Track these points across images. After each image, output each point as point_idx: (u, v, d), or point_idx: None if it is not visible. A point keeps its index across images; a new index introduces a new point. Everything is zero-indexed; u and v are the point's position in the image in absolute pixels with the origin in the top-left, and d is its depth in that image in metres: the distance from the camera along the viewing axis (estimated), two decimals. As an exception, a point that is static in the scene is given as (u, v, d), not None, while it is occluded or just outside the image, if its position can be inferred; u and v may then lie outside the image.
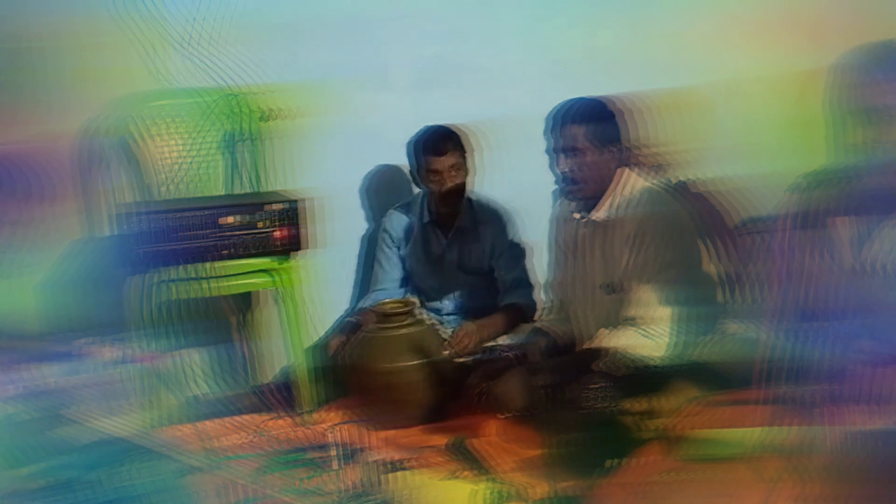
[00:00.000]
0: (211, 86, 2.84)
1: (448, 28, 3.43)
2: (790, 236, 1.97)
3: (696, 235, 2.71)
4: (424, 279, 3.35)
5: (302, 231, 2.81)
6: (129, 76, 2.84)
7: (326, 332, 3.25)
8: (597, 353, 2.57)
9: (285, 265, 2.84)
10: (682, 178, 3.22)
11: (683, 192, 2.95)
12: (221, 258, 2.75)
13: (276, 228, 2.79)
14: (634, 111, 2.82)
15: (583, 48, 3.46)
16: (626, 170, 2.74)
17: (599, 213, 2.72)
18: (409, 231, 3.33)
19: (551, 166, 2.74)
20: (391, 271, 3.35)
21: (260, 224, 2.78)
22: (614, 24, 3.49)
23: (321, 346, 3.09)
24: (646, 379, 2.48)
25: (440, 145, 3.16)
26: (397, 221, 3.35)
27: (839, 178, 1.99)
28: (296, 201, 2.81)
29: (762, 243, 2.71)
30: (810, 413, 1.81)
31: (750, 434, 1.92)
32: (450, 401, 2.74)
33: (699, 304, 2.60)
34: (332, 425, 2.62)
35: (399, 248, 3.37)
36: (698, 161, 3.31)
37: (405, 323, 2.81)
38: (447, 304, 3.34)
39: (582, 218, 2.77)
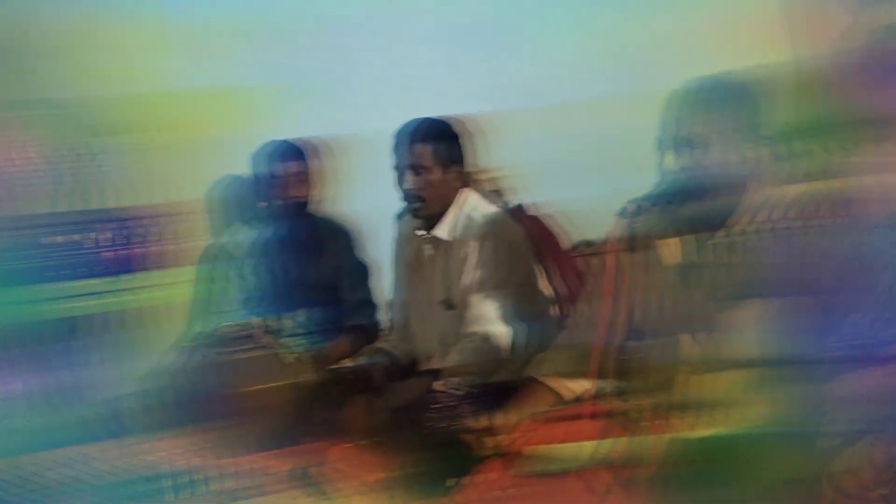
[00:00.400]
0: (35, 98, 2.70)
1: (305, 43, 3.40)
2: (619, 257, 2.06)
3: (531, 255, 2.81)
4: (267, 298, 3.28)
5: (137, 251, 2.70)
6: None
7: (165, 357, 3.13)
8: (438, 372, 2.61)
9: (120, 286, 2.73)
10: (519, 201, 3.32)
11: (521, 214, 3.06)
12: (45, 280, 2.61)
13: (108, 248, 2.67)
14: (479, 133, 2.89)
15: (437, 67, 3.51)
16: (468, 190, 2.81)
17: (441, 232, 2.78)
18: (251, 247, 3.26)
19: (397, 183, 2.77)
20: (232, 291, 3.27)
21: (89, 243, 2.66)
22: (473, 46, 3.56)
23: (156, 372, 2.97)
24: (484, 396, 2.53)
25: (284, 154, 3.12)
26: (240, 237, 3.27)
27: (664, 202, 2.10)
28: (128, 220, 2.70)
29: (594, 264, 2.82)
30: (638, 425, 1.89)
31: (582, 448, 1.99)
32: (293, 426, 2.69)
33: (534, 321, 2.69)
34: (166, 454, 2.53)
35: (240, 266, 3.29)
36: (535, 184, 3.43)
37: (246, 347, 2.75)
38: (291, 324, 3.28)
39: (424, 236, 2.81)
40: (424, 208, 2.76)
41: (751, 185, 2.11)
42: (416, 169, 2.72)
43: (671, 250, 2.18)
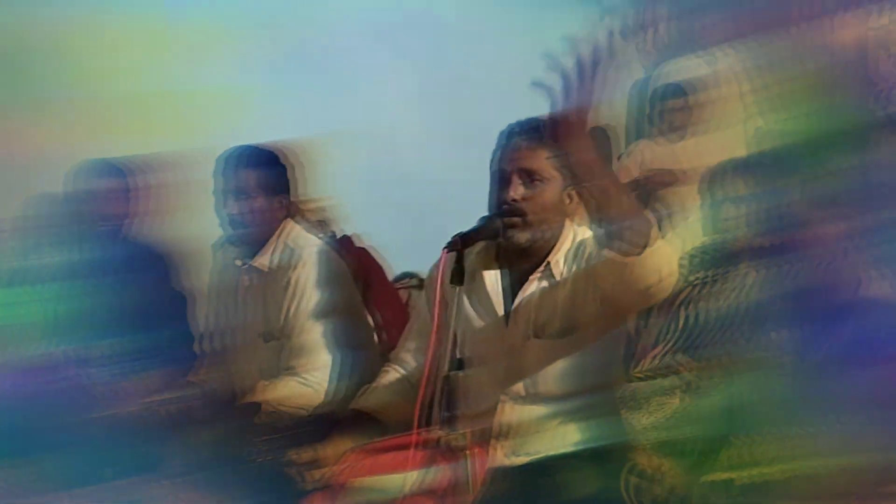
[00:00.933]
0: None
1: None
2: (445, 289, 2.11)
3: (354, 285, 2.81)
4: (75, 326, 3.09)
5: None
6: None
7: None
8: (257, 405, 2.56)
9: None
10: (345, 232, 3.34)
11: (347, 245, 3.07)
12: None
13: None
14: (305, 163, 2.88)
15: (264, 93, 3.48)
16: (291, 221, 2.78)
17: (262, 261, 2.73)
18: (59, 271, 3.07)
19: (217, 208, 2.70)
20: (37, 317, 3.06)
21: None
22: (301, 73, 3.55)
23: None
24: (308, 428, 2.50)
25: (101, 172, 3.02)
26: (48, 259, 3.07)
27: (488, 235, 2.17)
28: None
29: (418, 295, 2.86)
30: (461, 452, 1.93)
31: (407, 478, 2.00)
32: (102, 463, 2.55)
33: (357, 352, 2.69)
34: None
35: (46, 291, 3.08)
36: (361, 215, 3.46)
37: (50, 378, 2.59)
38: (99, 353, 3.11)
39: (244, 265, 2.75)
40: (247, 235, 2.72)
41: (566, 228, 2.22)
42: (241, 194, 2.67)
43: (493, 283, 2.25)
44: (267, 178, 2.69)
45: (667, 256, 1.93)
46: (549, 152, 2.13)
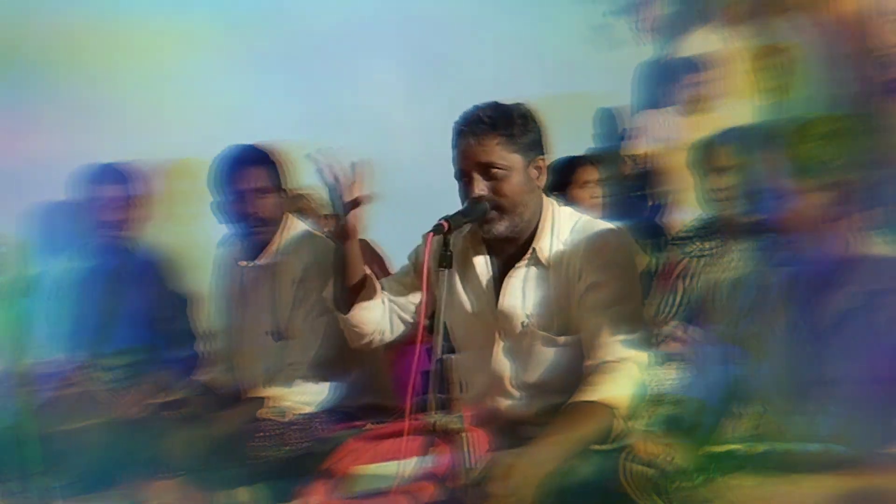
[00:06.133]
0: None
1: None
2: (431, 273, 2.10)
3: None
4: (80, 332, 3.12)
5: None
6: None
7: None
8: (261, 401, 2.57)
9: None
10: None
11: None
12: None
13: None
14: (298, 158, 2.89)
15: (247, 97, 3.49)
16: (290, 215, 2.79)
17: (265, 259, 2.73)
18: (64, 278, 3.10)
19: (217, 209, 2.71)
20: (43, 325, 3.09)
21: None
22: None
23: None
24: (313, 422, 2.52)
25: (103, 178, 3.02)
26: (53, 267, 3.10)
27: (476, 218, 2.17)
28: None
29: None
30: (457, 437, 1.92)
31: (407, 464, 2.00)
32: (111, 465, 2.58)
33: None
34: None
35: (52, 299, 3.11)
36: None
37: (57, 384, 2.62)
38: (105, 359, 3.13)
39: (248, 264, 2.76)
40: (248, 234, 2.72)
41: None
42: (240, 194, 2.67)
43: (483, 268, 2.25)
44: (264, 176, 2.69)
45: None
46: (498, 138, 2.13)
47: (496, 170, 2.14)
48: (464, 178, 2.17)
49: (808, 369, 1.81)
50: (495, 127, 2.14)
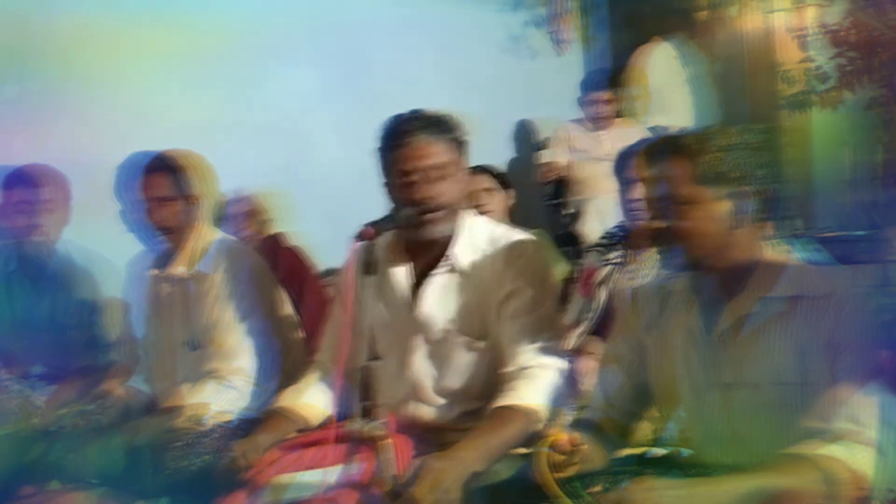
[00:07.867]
0: None
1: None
2: (357, 282, 2.11)
3: (274, 282, 2.78)
4: (9, 339, 3.01)
5: None
6: None
7: None
8: (178, 410, 2.52)
9: None
10: (270, 232, 3.32)
11: (271, 245, 3.04)
12: None
13: None
14: (211, 165, 2.85)
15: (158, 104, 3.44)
16: (203, 223, 2.75)
17: (177, 269, 2.69)
18: None
19: (125, 217, 2.66)
20: None
21: None
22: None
23: None
24: (232, 431, 2.48)
25: (12, 180, 2.93)
26: None
27: (400, 224, 2.18)
28: None
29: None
30: (380, 444, 1.92)
31: (330, 472, 2.00)
32: (18, 476, 2.48)
33: (281, 353, 2.66)
34: None
35: None
36: (279, 212, 3.44)
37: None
38: (15, 366, 3.03)
39: (158, 273, 2.71)
40: (158, 243, 2.68)
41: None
42: (145, 202, 2.63)
43: (402, 275, 2.26)
44: (167, 184, 2.64)
45: None
46: (446, 141, 2.16)
47: (444, 172, 2.15)
48: (401, 180, 2.17)
49: (711, 374, 1.87)
50: (443, 130, 2.17)
